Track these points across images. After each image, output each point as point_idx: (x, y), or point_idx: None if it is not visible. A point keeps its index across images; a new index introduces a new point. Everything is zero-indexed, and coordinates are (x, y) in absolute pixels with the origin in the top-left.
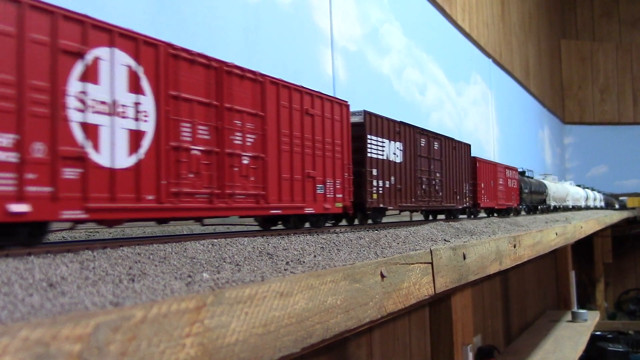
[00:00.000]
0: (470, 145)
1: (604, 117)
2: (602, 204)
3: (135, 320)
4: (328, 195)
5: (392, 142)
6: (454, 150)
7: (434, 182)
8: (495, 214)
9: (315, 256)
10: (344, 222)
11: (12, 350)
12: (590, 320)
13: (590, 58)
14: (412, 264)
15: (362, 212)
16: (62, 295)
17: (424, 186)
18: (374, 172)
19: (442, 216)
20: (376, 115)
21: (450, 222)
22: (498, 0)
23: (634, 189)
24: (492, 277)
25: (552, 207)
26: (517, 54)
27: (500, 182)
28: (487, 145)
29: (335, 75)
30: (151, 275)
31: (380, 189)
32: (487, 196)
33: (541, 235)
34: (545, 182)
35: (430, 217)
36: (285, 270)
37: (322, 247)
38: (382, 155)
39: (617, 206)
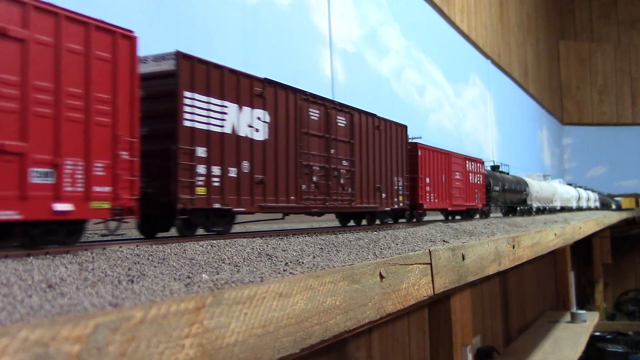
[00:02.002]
0: (406, 127)
1: (603, 118)
2: (598, 204)
3: (134, 321)
4: (67, 189)
5: (247, 109)
6: (378, 131)
7: (336, 174)
8: (458, 217)
9: (314, 257)
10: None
11: (11, 351)
12: (590, 321)
13: (589, 59)
14: (411, 264)
15: (170, 217)
16: (61, 296)
17: (315, 178)
18: (200, 152)
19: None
20: (207, 63)
21: (449, 223)
22: (496, 2)
23: (633, 190)
24: (491, 277)
25: (534, 209)
26: (516, 55)
27: (457, 177)
28: (485, 146)
29: (334, 76)
30: (150, 276)
31: (216, 179)
32: (435, 195)
33: (540, 236)
34: (526, 179)
35: (353, 222)
36: (284, 271)
37: (321, 248)
38: (222, 126)
39: (613, 207)
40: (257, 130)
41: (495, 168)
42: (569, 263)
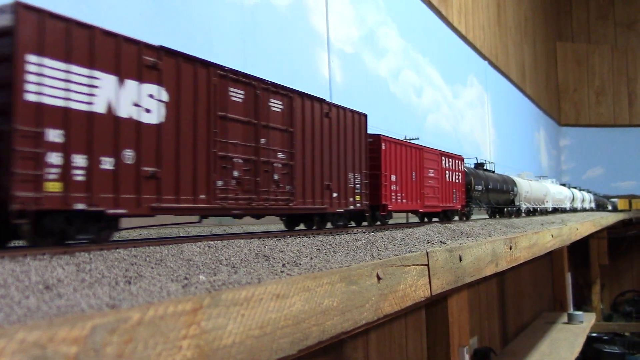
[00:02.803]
0: (365, 116)
1: (600, 119)
2: (593, 205)
3: (131, 322)
4: None
5: (133, 84)
6: (328, 120)
7: (268, 169)
8: (435, 219)
9: (311, 258)
10: None
11: (8, 353)
12: (586, 322)
13: (586, 60)
14: (409, 265)
15: (4, 221)
16: (58, 298)
17: (237, 173)
18: (52, 135)
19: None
20: (68, 20)
21: (446, 224)
22: (494, 3)
23: (630, 191)
24: (489, 278)
25: (523, 210)
26: (513, 57)
27: (431, 175)
28: (483, 147)
29: (331, 77)
30: (147, 277)
31: (79, 172)
32: (403, 194)
33: (537, 237)
34: (515, 178)
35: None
36: (281, 272)
37: (319, 249)
38: (90, 103)
39: (609, 207)
40: (147, 110)
41: (479, 166)
42: (566, 264)
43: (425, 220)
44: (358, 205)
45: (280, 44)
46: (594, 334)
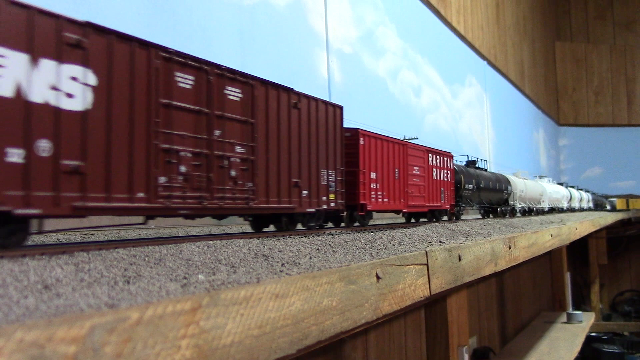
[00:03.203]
0: (341, 108)
1: (599, 119)
2: (591, 205)
3: (130, 321)
4: None
5: (50, 64)
6: (296, 111)
7: (225, 164)
8: (423, 219)
9: (310, 258)
10: None
11: (7, 352)
12: (586, 321)
13: (585, 60)
14: (408, 265)
15: None
16: (57, 297)
17: (184, 168)
18: None
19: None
20: None
21: (445, 224)
22: (493, 3)
23: (629, 191)
24: (488, 278)
25: (518, 210)
26: (512, 56)
27: (416, 172)
28: (482, 147)
29: (330, 77)
30: (146, 277)
31: None
32: (385, 193)
33: (536, 237)
34: (509, 177)
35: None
36: (280, 271)
37: (318, 249)
38: None
39: (608, 207)
40: (69, 95)
41: (471, 163)
42: (565, 264)
43: (413, 220)
44: (332, 204)
45: (279, 44)
46: (593, 334)
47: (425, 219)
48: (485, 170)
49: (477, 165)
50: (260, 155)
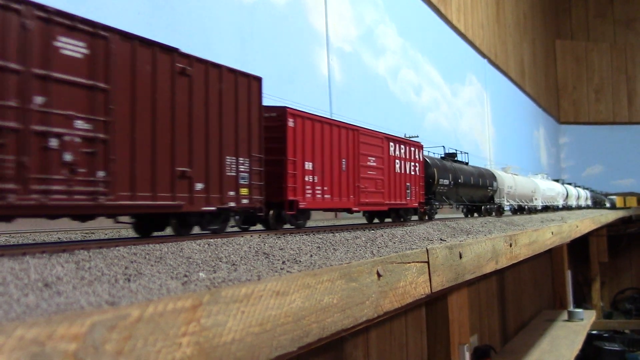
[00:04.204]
0: (259, 81)
1: (599, 117)
2: (590, 202)
3: (131, 319)
4: None
5: None
6: (185, 79)
7: (53, 145)
8: (388, 219)
9: (311, 255)
10: None
11: (7, 350)
12: (586, 319)
13: (585, 58)
14: (409, 263)
15: None
16: (57, 295)
17: None
18: None
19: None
20: None
21: (445, 222)
22: (493, 1)
23: (629, 189)
24: (489, 276)
25: (504, 208)
26: (512, 55)
27: (372, 164)
28: (482, 145)
29: (330, 75)
30: (147, 275)
31: None
32: (326, 188)
33: (537, 235)
34: (496, 171)
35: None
36: (281, 269)
37: (319, 247)
38: None
39: (607, 205)
40: None
41: (450, 156)
42: (566, 261)
43: (376, 220)
44: (245, 201)
45: (279, 43)
46: (594, 332)
47: (390, 219)
48: (467, 163)
49: (456, 159)
50: (119, 134)
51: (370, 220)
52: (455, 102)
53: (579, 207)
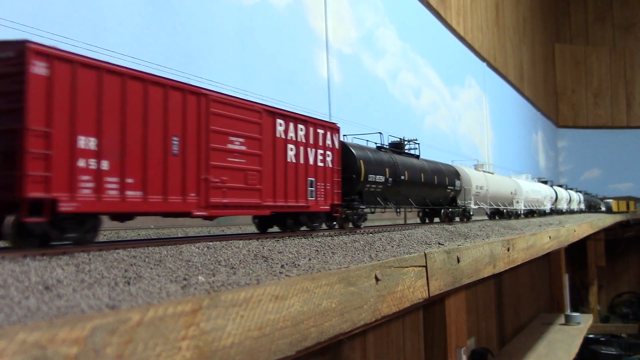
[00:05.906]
0: None
1: (598, 121)
2: (583, 206)
3: (131, 323)
4: None
5: None
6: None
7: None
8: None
9: (310, 259)
10: None
11: (9, 353)
12: (584, 323)
13: (584, 62)
14: (407, 267)
15: None
16: (58, 298)
17: None
18: None
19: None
20: None
21: (444, 225)
22: (492, 4)
23: (627, 193)
24: (486, 280)
25: (471, 212)
26: (512, 58)
27: (238, 147)
28: (481, 148)
29: (330, 77)
30: (147, 278)
31: None
32: (133, 180)
33: (535, 239)
34: (461, 168)
35: None
36: (280, 273)
37: (317, 251)
38: None
39: (603, 209)
40: None
41: (396, 146)
42: (564, 265)
43: (273, 229)
44: None
45: (279, 45)
46: (591, 336)
47: (299, 228)
48: (417, 156)
49: (404, 150)
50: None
51: (261, 228)
52: (455, 105)
53: (570, 212)
